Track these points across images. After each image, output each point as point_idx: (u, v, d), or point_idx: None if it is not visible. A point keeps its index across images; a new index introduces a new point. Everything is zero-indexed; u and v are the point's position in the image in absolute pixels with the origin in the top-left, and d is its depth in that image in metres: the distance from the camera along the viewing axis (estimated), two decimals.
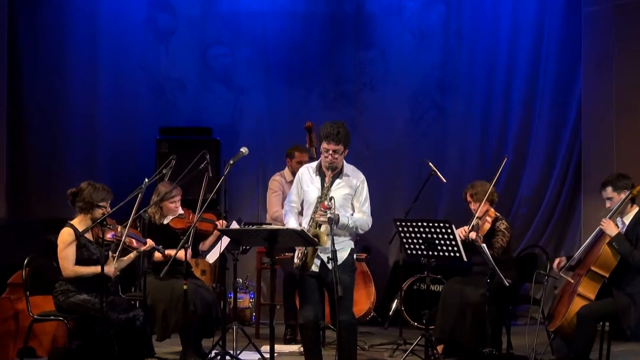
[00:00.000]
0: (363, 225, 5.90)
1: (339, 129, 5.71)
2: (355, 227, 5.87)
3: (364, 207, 5.92)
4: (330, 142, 5.70)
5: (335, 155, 5.74)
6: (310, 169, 5.98)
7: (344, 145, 5.75)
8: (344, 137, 5.73)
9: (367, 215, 5.91)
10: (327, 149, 5.74)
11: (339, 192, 5.84)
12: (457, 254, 6.44)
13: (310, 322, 5.77)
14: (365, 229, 5.95)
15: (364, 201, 5.92)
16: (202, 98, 9.36)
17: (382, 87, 9.26)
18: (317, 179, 5.90)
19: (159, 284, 6.51)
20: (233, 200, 8.90)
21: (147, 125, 9.17)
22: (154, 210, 6.73)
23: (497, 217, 6.96)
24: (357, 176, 5.93)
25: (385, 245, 8.89)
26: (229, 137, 9.08)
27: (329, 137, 5.70)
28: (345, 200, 5.84)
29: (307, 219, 5.87)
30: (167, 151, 8.55)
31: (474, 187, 6.98)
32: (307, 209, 5.91)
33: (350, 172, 5.93)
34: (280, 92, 9.32)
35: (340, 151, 5.75)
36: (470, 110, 9.21)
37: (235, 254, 6.97)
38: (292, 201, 6.04)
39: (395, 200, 9.04)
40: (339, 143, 5.72)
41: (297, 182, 6.02)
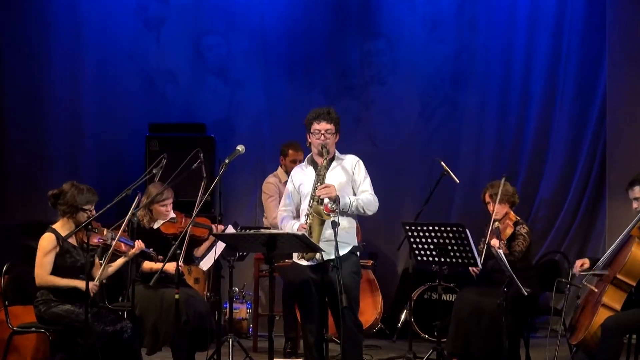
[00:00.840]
0: (367, 203, 5.93)
1: (329, 109, 5.93)
2: (361, 208, 5.89)
3: (365, 186, 5.97)
4: (321, 121, 5.88)
5: (327, 135, 5.86)
6: (302, 165, 6.12)
7: (334, 126, 5.89)
8: (335, 117, 5.92)
9: (369, 193, 5.96)
10: (318, 130, 5.88)
11: (336, 177, 5.92)
12: (471, 261, 6.45)
13: (314, 343, 5.83)
14: (372, 209, 5.97)
15: (363, 179, 5.99)
16: (195, 92, 9.37)
17: (391, 80, 9.27)
18: (310, 169, 5.98)
19: (149, 293, 6.51)
20: (229, 202, 8.92)
21: (135, 121, 9.19)
22: (142, 213, 6.74)
23: (517, 220, 6.97)
24: (351, 158, 6.06)
25: (393, 251, 8.89)
26: (224, 134, 9.11)
27: (319, 117, 5.88)
28: (346, 185, 5.92)
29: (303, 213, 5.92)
30: (158, 149, 8.60)
31: (494, 187, 7.00)
32: (304, 201, 5.97)
33: (343, 156, 6.06)
34: (280, 86, 9.34)
35: (332, 131, 5.88)
36: (486, 105, 9.22)
37: (231, 261, 6.98)
38: (287, 205, 6.09)
39: (405, 202, 9.05)
40: (330, 122, 5.89)
41: (290, 184, 6.09)
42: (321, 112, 5.89)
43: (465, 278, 7.60)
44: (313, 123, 5.90)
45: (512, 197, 7.02)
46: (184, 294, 6.39)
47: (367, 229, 8.32)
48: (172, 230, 6.75)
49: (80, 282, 6.06)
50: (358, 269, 6.01)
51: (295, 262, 5.97)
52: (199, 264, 6.89)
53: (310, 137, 5.96)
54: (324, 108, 5.95)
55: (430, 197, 7.60)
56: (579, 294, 6.95)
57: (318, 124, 5.88)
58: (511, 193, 7.01)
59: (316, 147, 5.93)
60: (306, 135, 6.00)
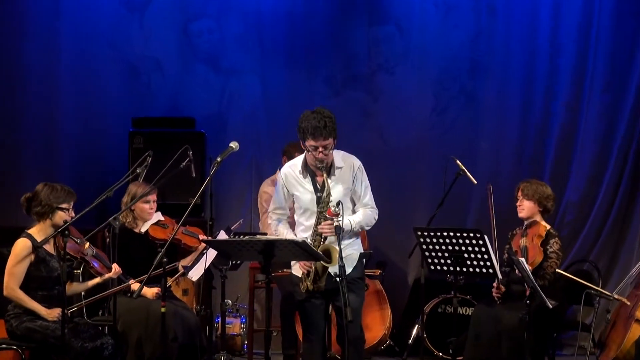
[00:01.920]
0: (368, 221, 6.02)
1: (324, 120, 5.76)
2: (360, 228, 5.98)
3: (366, 199, 6.01)
4: (318, 137, 5.77)
5: (326, 151, 5.81)
6: (294, 168, 6.04)
7: (333, 138, 5.82)
8: (332, 128, 5.79)
9: (370, 207, 5.99)
10: (315, 147, 5.80)
11: (336, 189, 5.92)
12: (490, 270, 6.44)
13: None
14: (372, 224, 6.06)
15: (364, 190, 6.01)
16: (183, 82, 9.36)
17: (401, 69, 9.25)
18: (306, 181, 5.96)
19: (132, 306, 6.52)
20: (221, 205, 8.91)
21: (117, 116, 9.18)
22: (125, 215, 6.75)
23: (549, 232, 6.97)
24: (350, 164, 6.01)
25: (403, 259, 8.88)
26: (215, 130, 9.10)
27: (316, 132, 5.75)
28: (345, 197, 5.93)
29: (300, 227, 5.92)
30: (142, 146, 8.59)
31: (532, 184, 7.04)
32: (301, 215, 5.96)
33: (341, 162, 6.00)
34: (278, 76, 9.32)
35: (330, 146, 5.83)
36: (506, 97, 9.20)
37: (224, 270, 6.98)
38: (280, 209, 6.10)
39: (416, 205, 9.04)
40: (328, 137, 5.79)
41: (281, 187, 6.07)
42: (317, 126, 5.72)
43: (484, 289, 7.60)
44: (308, 138, 5.80)
45: (546, 201, 7.03)
46: (171, 307, 6.40)
47: (375, 235, 8.29)
48: (161, 235, 6.77)
49: (44, 311, 6.09)
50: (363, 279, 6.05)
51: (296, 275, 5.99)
52: (188, 274, 6.89)
53: (303, 146, 5.92)
54: (318, 117, 5.76)
55: (444, 199, 7.57)
56: (609, 308, 6.96)
57: (315, 140, 5.78)
58: (547, 196, 7.01)
59: (314, 162, 5.90)
60: (299, 140, 5.96)
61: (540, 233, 6.91)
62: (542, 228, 6.95)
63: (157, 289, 6.59)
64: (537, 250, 6.82)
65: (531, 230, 6.99)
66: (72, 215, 6.21)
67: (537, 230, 6.94)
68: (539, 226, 6.98)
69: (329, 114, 5.82)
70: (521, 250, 6.83)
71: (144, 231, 6.80)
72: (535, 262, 6.75)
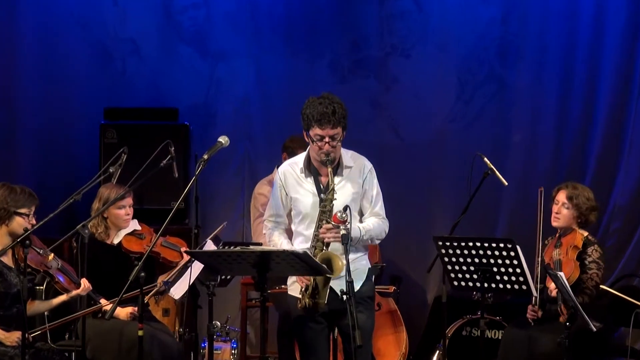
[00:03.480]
0: (379, 233, 6.03)
1: (333, 106, 5.78)
2: (369, 239, 5.99)
3: (377, 207, 6.03)
4: (325, 125, 5.77)
5: (333, 142, 5.81)
6: (295, 166, 6.05)
7: (342, 128, 5.83)
8: (342, 115, 5.81)
9: (381, 217, 6.01)
10: (321, 136, 5.81)
11: (343, 191, 5.93)
12: (523, 287, 6.43)
13: None
14: (381, 238, 6.07)
15: (375, 198, 6.03)
16: (164, 67, 9.36)
17: (418, 51, 9.24)
18: (308, 181, 5.96)
19: (104, 329, 6.53)
20: (208, 210, 8.91)
21: (87, 106, 9.17)
22: (96, 223, 6.75)
23: (587, 240, 6.96)
24: (360, 165, 6.03)
25: (422, 274, 8.87)
26: (202, 122, 9.12)
27: (322, 119, 5.77)
28: (353, 203, 5.92)
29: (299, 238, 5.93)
30: (116, 141, 8.59)
31: (576, 189, 7.05)
32: (300, 222, 5.96)
33: (350, 161, 6.02)
34: (275, 60, 9.32)
35: (338, 136, 5.83)
36: (542, 85, 9.20)
37: (211, 287, 6.96)
38: (275, 215, 6.10)
39: (436, 210, 9.05)
40: (336, 125, 5.79)
41: (279, 188, 6.07)
42: (324, 112, 5.76)
43: (516, 309, 7.60)
44: (314, 126, 5.83)
45: (590, 213, 7.03)
46: (149, 330, 6.40)
47: (388, 246, 8.30)
48: (137, 247, 6.78)
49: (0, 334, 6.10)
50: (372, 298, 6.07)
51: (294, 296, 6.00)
52: (169, 291, 6.88)
53: (307, 138, 5.94)
54: (325, 102, 5.81)
55: (469, 203, 7.57)
56: None
57: (322, 128, 5.80)
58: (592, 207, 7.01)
59: (317, 155, 5.92)
60: (303, 130, 5.98)
61: (576, 243, 6.92)
62: (578, 237, 6.95)
63: (132, 308, 6.59)
64: (573, 265, 6.82)
65: (566, 240, 7.00)
66: (33, 223, 6.21)
67: (573, 240, 6.94)
68: (575, 235, 6.98)
69: (338, 100, 5.85)
70: (554, 264, 6.84)
71: (117, 243, 6.79)
72: (572, 279, 6.74)
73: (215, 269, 6.23)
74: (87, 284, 6.37)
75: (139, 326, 6.11)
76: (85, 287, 6.37)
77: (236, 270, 6.25)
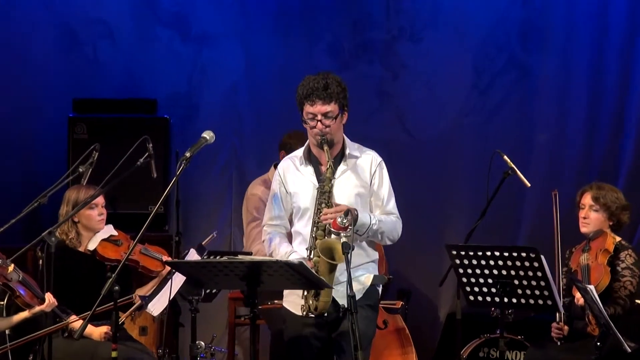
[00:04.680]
0: (391, 229, 5.99)
1: (326, 81, 5.82)
2: (380, 234, 5.92)
3: (390, 205, 6.00)
4: (315, 101, 5.81)
5: (326, 120, 5.81)
6: (294, 159, 6.07)
7: (338, 105, 5.84)
8: (336, 92, 5.83)
9: (395, 216, 5.99)
10: (312, 114, 5.84)
11: (345, 183, 5.91)
12: (548, 302, 6.42)
13: None
14: (392, 239, 6.03)
15: (387, 196, 6.00)
16: (140, 53, 9.39)
17: (430, 34, 9.27)
18: (308, 171, 5.97)
19: (73, 350, 6.53)
20: (191, 215, 8.98)
21: (53, 97, 9.20)
22: (66, 229, 6.74)
23: (619, 245, 6.96)
24: (369, 157, 6.02)
25: (433, 287, 8.84)
26: (184, 115, 9.16)
27: (312, 95, 5.80)
28: (358, 198, 5.90)
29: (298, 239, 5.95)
30: (86, 137, 8.62)
31: (604, 191, 7.04)
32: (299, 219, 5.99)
33: (357, 151, 6.01)
34: (267, 44, 9.35)
35: (333, 114, 5.83)
36: (570, 73, 9.23)
37: (195, 302, 6.96)
38: (276, 218, 6.08)
39: (450, 215, 9.07)
40: (329, 101, 5.81)
41: (278, 185, 6.07)
42: (314, 87, 5.82)
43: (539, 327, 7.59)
44: (305, 104, 5.86)
45: (621, 214, 7.03)
46: (124, 350, 6.40)
47: (395, 256, 8.33)
48: (113, 254, 6.77)
49: None
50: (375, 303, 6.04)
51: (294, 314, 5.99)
52: (147, 307, 6.85)
53: (302, 121, 5.96)
54: (319, 76, 5.87)
55: (487, 208, 7.57)
56: None
57: (311, 105, 5.83)
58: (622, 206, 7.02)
59: (314, 139, 5.93)
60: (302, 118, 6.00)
61: (607, 247, 6.92)
62: (609, 240, 6.95)
63: (106, 327, 6.57)
64: (603, 270, 6.82)
65: (595, 244, 7.00)
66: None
67: (603, 244, 6.94)
68: (606, 237, 6.98)
69: (335, 77, 5.88)
70: (582, 270, 6.83)
71: (92, 249, 6.77)
72: (601, 286, 6.73)
73: (199, 282, 6.22)
74: (51, 299, 6.33)
75: (112, 347, 6.05)
76: (49, 303, 6.33)
77: (223, 284, 6.20)
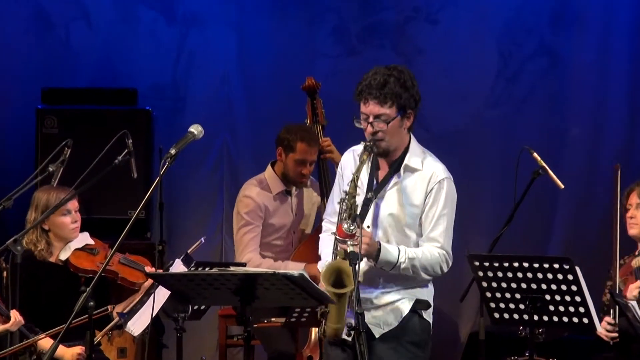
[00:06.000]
0: (431, 264, 5.87)
1: (385, 77, 5.67)
2: (416, 269, 5.83)
3: (437, 231, 5.86)
4: (368, 99, 5.70)
5: (379, 124, 5.71)
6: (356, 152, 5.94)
7: (396, 107, 5.70)
8: (396, 92, 5.68)
9: (439, 246, 5.86)
10: (365, 114, 5.73)
11: (392, 199, 5.83)
12: (584, 320, 6.37)
13: None
14: (434, 273, 5.92)
15: (437, 218, 5.85)
16: (119, 37, 9.44)
17: (448, 15, 9.31)
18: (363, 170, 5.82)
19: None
20: (176, 221, 9.04)
21: (19, 86, 9.26)
22: (34, 238, 6.72)
23: None
24: (431, 171, 5.86)
25: (454, 302, 8.80)
26: (168, 107, 9.20)
27: (365, 92, 5.69)
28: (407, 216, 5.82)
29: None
30: (57, 131, 8.65)
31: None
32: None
33: (419, 163, 5.87)
34: (263, 27, 9.38)
35: (387, 117, 5.71)
36: (607, 59, 9.28)
37: (180, 320, 6.93)
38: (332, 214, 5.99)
39: (472, 220, 9.05)
40: (383, 102, 5.68)
41: (337, 178, 6.03)
42: (370, 84, 5.70)
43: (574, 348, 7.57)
44: (360, 102, 5.75)
45: None
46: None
47: None
48: (88, 264, 6.77)
49: None
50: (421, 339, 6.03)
51: None
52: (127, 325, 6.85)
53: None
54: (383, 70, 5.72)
55: (515, 212, 7.54)
56: None
57: (364, 104, 5.71)
58: None
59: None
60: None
61: None
62: None
63: (79, 348, 6.59)
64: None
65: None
66: None
67: None
68: None
69: (402, 75, 5.71)
70: (635, 273, 6.81)
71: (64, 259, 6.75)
72: None
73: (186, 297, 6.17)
74: (17, 316, 6.34)
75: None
76: (15, 321, 6.35)
77: (213, 299, 6.18)
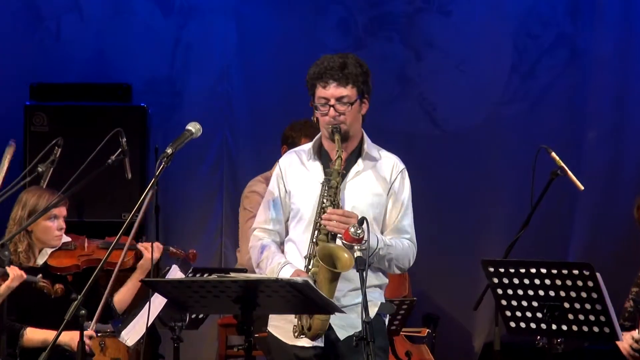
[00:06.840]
0: (402, 256, 5.92)
1: (344, 60, 5.77)
2: (388, 261, 5.89)
3: (404, 223, 5.95)
4: (328, 82, 5.77)
5: (341, 107, 5.79)
6: (300, 153, 6.03)
7: (356, 90, 5.79)
8: (355, 73, 5.78)
9: (407, 237, 5.95)
10: (325, 98, 5.79)
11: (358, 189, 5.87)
12: (605, 329, 6.40)
13: None
14: (403, 267, 5.97)
15: (404, 209, 5.95)
16: (113, 30, 9.48)
17: (461, 7, 9.34)
18: (315, 165, 5.93)
19: None
20: (172, 223, 9.06)
21: (7, 81, 9.29)
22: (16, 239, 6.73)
23: None
24: (390, 161, 5.96)
25: (466, 311, 8.85)
26: (165, 104, 9.23)
27: (325, 74, 5.77)
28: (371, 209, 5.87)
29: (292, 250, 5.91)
30: (46, 129, 8.68)
31: None
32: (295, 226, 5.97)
33: (377, 154, 5.96)
34: (264, 18, 9.41)
35: (349, 99, 5.79)
36: (630, 53, 9.29)
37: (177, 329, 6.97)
38: (271, 221, 6.05)
39: (485, 224, 9.11)
40: (345, 83, 5.77)
41: (277, 182, 6.05)
42: (329, 67, 5.77)
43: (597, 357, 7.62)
44: (316, 86, 5.81)
45: None
46: None
47: (420, 274, 8.35)
48: (68, 261, 6.78)
49: None
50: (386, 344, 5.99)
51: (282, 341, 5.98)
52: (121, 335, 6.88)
53: (312, 105, 5.94)
54: (337, 55, 5.84)
55: (532, 215, 7.56)
56: None
57: (324, 87, 5.78)
58: None
59: (325, 129, 5.91)
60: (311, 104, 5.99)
61: None
62: None
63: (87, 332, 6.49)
64: None
65: None
66: None
67: None
68: None
69: (356, 58, 5.82)
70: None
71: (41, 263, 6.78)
72: None
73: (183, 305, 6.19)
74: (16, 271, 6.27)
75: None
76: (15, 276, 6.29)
77: (212, 307, 6.16)
